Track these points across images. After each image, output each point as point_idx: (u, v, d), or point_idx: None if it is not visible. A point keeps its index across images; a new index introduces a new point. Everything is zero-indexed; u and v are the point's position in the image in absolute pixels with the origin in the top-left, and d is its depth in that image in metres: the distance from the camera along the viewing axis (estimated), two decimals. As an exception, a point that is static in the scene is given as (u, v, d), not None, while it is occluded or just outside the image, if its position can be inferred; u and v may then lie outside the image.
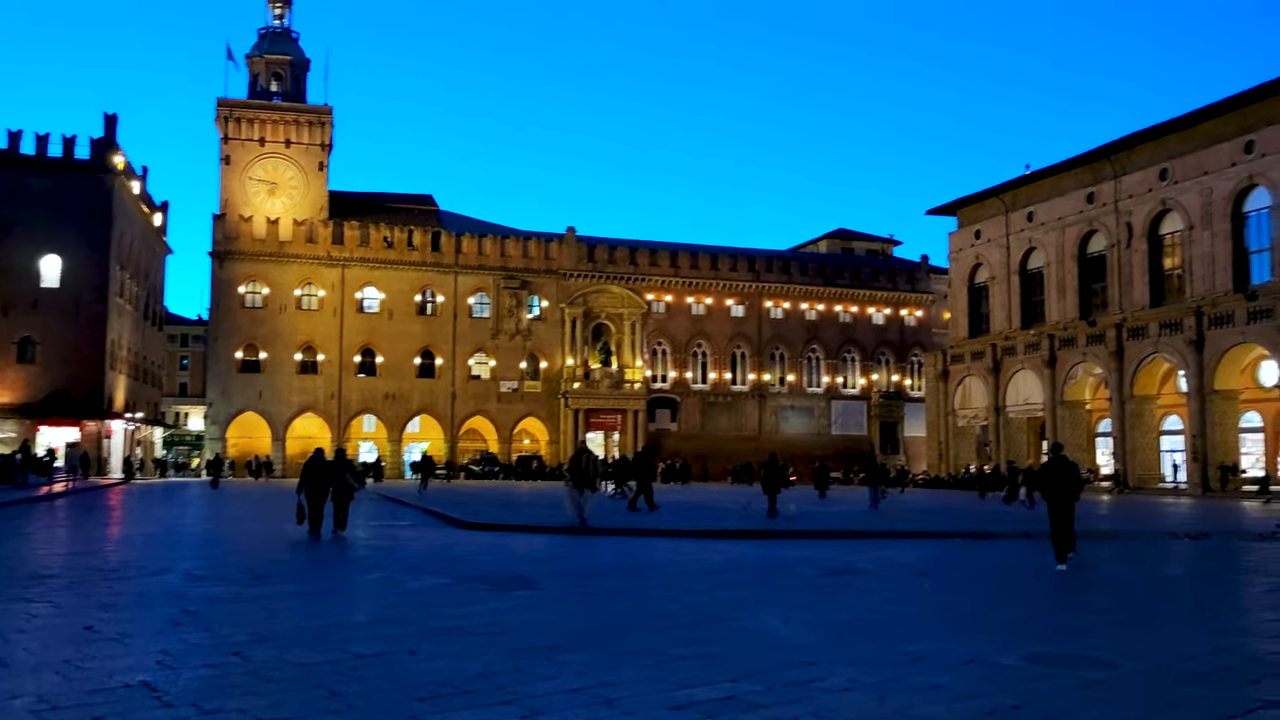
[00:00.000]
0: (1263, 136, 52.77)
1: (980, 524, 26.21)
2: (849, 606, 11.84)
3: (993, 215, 71.09)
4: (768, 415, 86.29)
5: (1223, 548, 21.55)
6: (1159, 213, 58.79)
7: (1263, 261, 53.62)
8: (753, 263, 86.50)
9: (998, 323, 70.37)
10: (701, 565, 16.20)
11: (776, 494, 27.86)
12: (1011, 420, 67.99)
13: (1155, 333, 56.63)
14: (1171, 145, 58.08)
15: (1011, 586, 14.46)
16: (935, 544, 21.40)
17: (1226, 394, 54.20)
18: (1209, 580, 15.79)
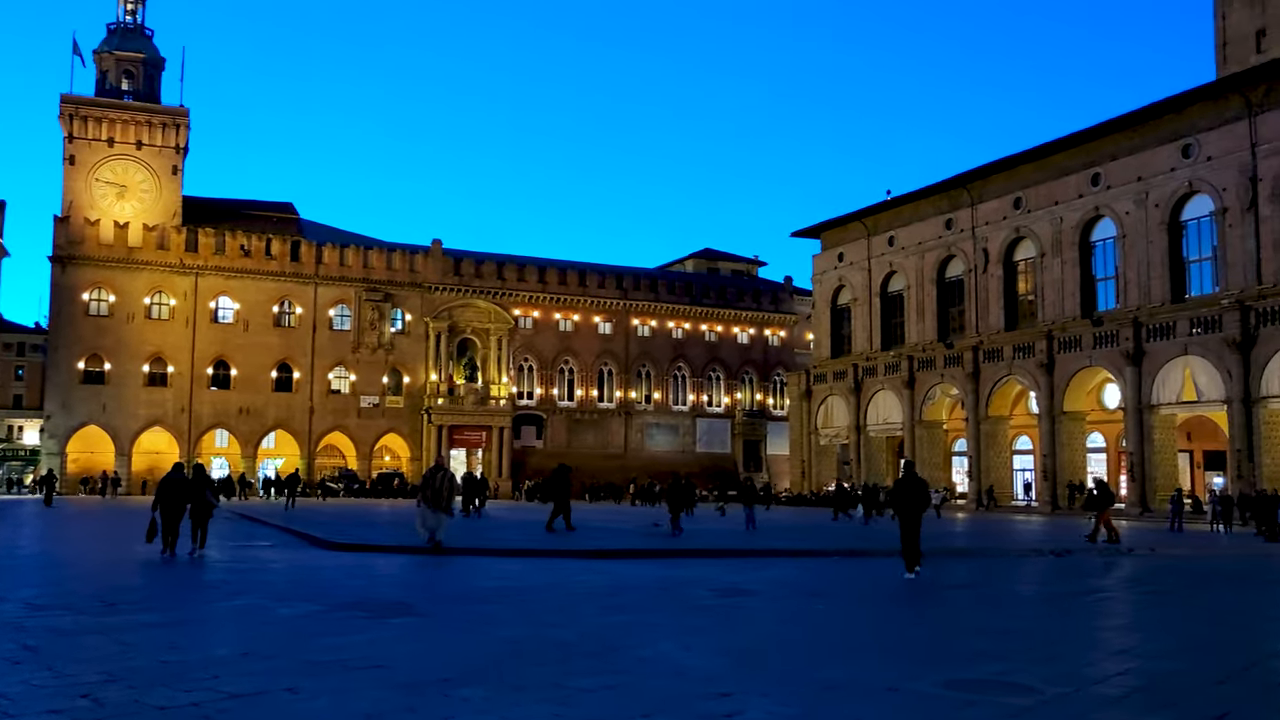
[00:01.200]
0: (1108, 170, 55.34)
1: (852, 541, 26.34)
2: (748, 630, 11.46)
3: (855, 239, 72.73)
4: (634, 433, 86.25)
5: (1085, 564, 22.08)
6: (1013, 240, 61.04)
7: (1108, 289, 56.14)
8: (621, 280, 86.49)
9: (859, 344, 71.92)
10: (585, 588, 15.64)
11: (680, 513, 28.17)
12: (872, 439, 69.48)
13: (1009, 355, 58.66)
14: (1025, 175, 60.42)
15: (903, 606, 14.34)
16: (814, 562, 21.34)
17: (1074, 415, 56.44)
18: (1086, 598, 16.01)
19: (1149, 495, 51.08)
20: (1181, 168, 51.65)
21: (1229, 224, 49.53)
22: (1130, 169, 54.06)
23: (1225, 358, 47.52)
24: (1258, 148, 48.43)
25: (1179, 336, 49.93)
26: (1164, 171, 52.44)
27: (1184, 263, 52.48)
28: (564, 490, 28.91)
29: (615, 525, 32.55)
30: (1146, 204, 53.12)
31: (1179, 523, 37.57)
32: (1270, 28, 59.80)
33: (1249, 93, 49.30)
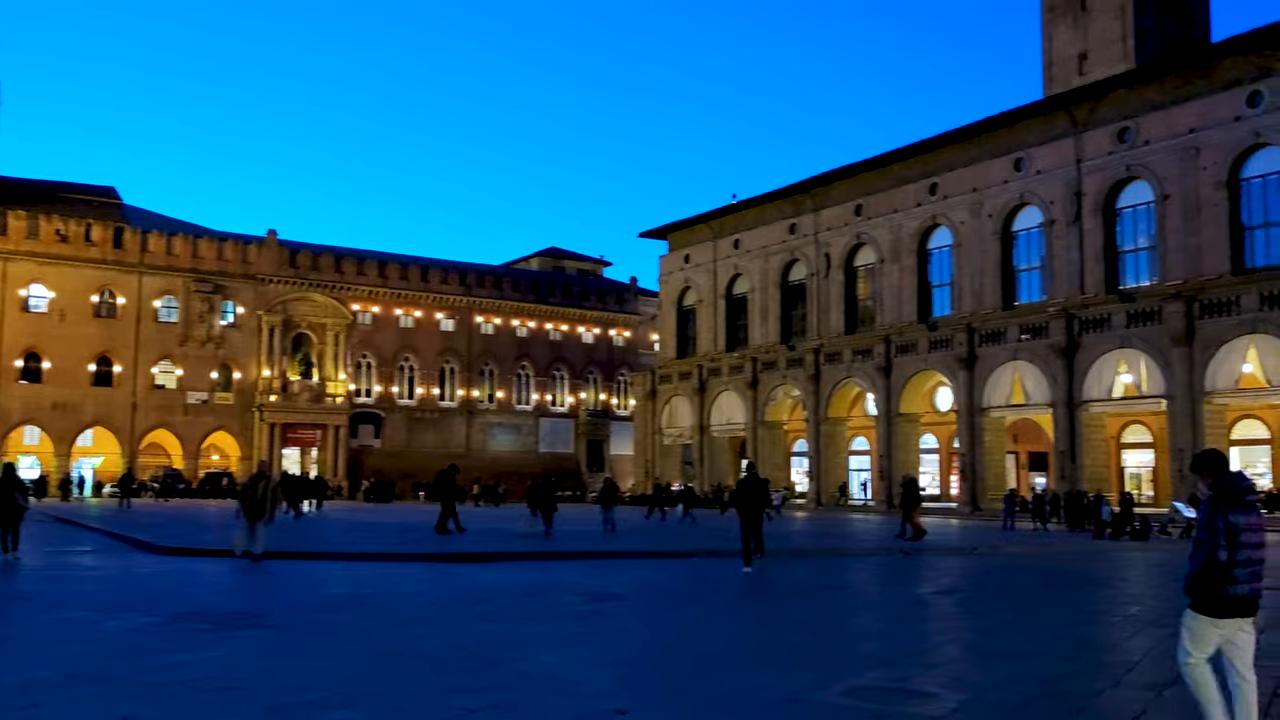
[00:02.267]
0: (945, 180, 57.27)
1: (711, 542, 26.17)
2: (630, 638, 10.96)
3: (702, 241, 73.32)
4: (476, 432, 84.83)
5: (936, 563, 22.46)
6: (855, 245, 62.55)
7: (944, 295, 58.09)
8: (465, 276, 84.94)
9: (704, 345, 72.53)
10: (448, 594, 14.85)
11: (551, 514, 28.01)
12: (715, 439, 70.14)
13: (849, 358, 60.07)
14: (866, 183, 61.99)
15: (778, 609, 14.08)
16: (675, 564, 21.02)
17: (910, 417, 58.20)
18: (947, 597, 16.12)
19: (979, 494, 53.01)
20: (1013, 180, 53.86)
21: (1056, 235, 51.88)
22: (966, 180, 56.09)
23: (1051, 363, 49.72)
24: (1082, 164, 50.87)
25: (1009, 342, 52.01)
26: (997, 183, 54.59)
27: (1014, 271, 54.74)
28: (451, 491, 28.09)
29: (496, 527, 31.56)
30: (981, 214, 55.20)
31: (1012, 521, 39.00)
32: (1092, 50, 62.98)
33: (1074, 111, 51.77)
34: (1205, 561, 6.00)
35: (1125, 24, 61.38)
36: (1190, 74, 47.64)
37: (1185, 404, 44.82)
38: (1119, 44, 61.45)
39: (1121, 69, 58.66)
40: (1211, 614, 6.10)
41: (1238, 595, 6.06)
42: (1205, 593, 6.06)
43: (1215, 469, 6.28)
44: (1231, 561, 5.98)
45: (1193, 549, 6.15)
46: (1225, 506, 6.08)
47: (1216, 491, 6.18)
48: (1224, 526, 6.00)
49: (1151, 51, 60.30)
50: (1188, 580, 6.14)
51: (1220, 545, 5.98)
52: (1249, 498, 6.18)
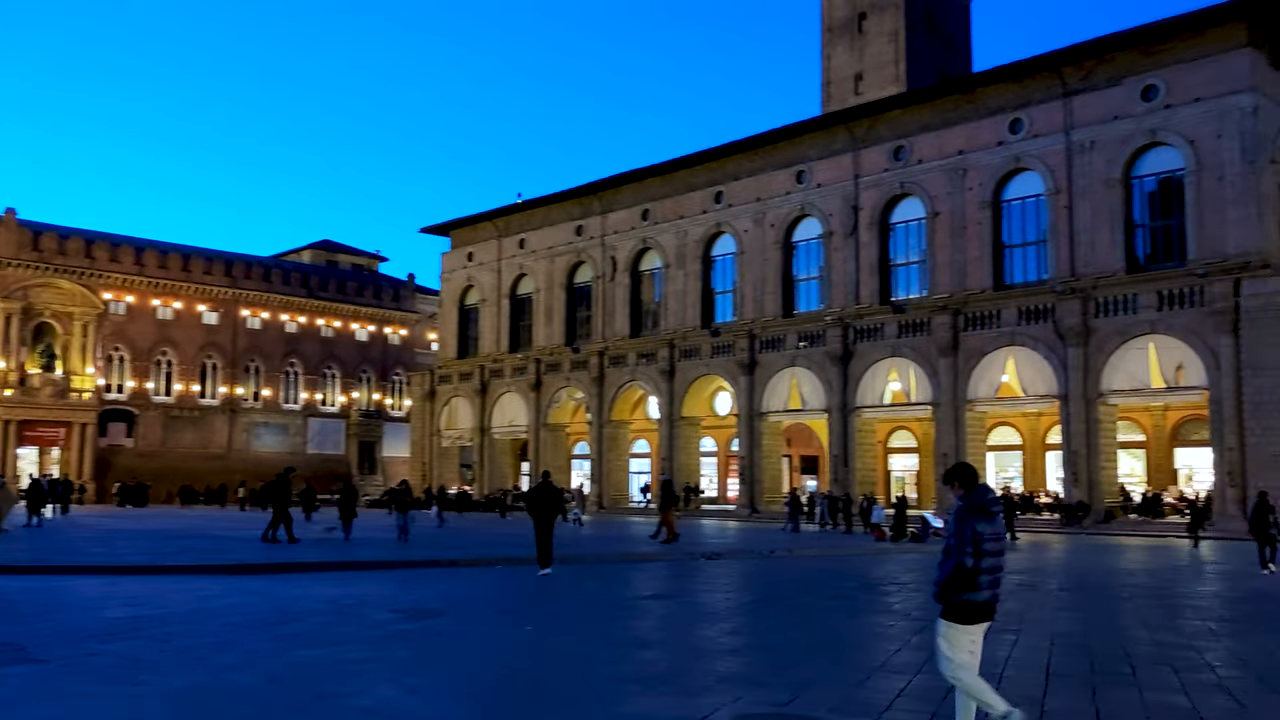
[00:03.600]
0: (730, 189, 58.37)
1: (515, 548, 25.14)
2: (469, 664, 9.97)
3: (486, 239, 71.98)
4: (239, 432, 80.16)
5: (745, 568, 22.37)
6: (641, 250, 62.86)
7: (726, 301, 59.17)
8: (230, 267, 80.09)
9: (487, 345, 71.20)
10: (245, 614, 13.33)
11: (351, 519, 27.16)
12: (496, 441, 68.95)
13: (633, 362, 60.28)
14: (653, 189, 62.42)
15: (614, 623, 13.35)
16: (478, 573, 20.04)
17: (691, 420, 58.95)
18: (775, 606, 15.87)
19: (758, 497, 54.21)
20: (795, 192, 55.44)
21: (834, 247, 53.74)
22: (750, 190, 57.33)
23: (828, 370, 51.42)
24: (860, 179, 52.92)
25: (788, 349, 53.44)
26: (780, 194, 56.05)
27: (794, 280, 56.35)
28: (284, 497, 26.12)
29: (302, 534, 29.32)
30: (764, 224, 56.54)
31: (796, 524, 39.85)
32: (867, 72, 65.98)
33: (853, 128, 53.79)
34: (954, 569, 6.29)
35: (898, 48, 64.57)
36: (959, 99, 50.31)
37: (950, 411, 47.23)
38: (892, 67, 64.60)
39: (894, 90, 61.64)
40: (961, 620, 6.38)
41: (982, 601, 6.37)
42: (954, 599, 6.35)
43: (965, 481, 6.62)
44: (977, 569, 6.27)
45: (943, 557, 6.45)
46: (973, 516, 6.37)
47: (965, 502, 6.48)
48: (971, 535, 6.29)
49: (921, 75, 63.67)
50: (938, 587, 6.41)
51: (967, 553, 6.26)
52: (993, 508, 6.51)
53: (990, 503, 6.54)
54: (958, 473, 6.69)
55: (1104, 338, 42.95)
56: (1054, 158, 46.14)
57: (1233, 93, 41.46)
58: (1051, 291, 44.87)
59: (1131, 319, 42.29)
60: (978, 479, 6.69)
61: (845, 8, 67.78)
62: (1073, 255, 45.43)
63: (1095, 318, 43.16)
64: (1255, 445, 38.88)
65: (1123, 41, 44.66)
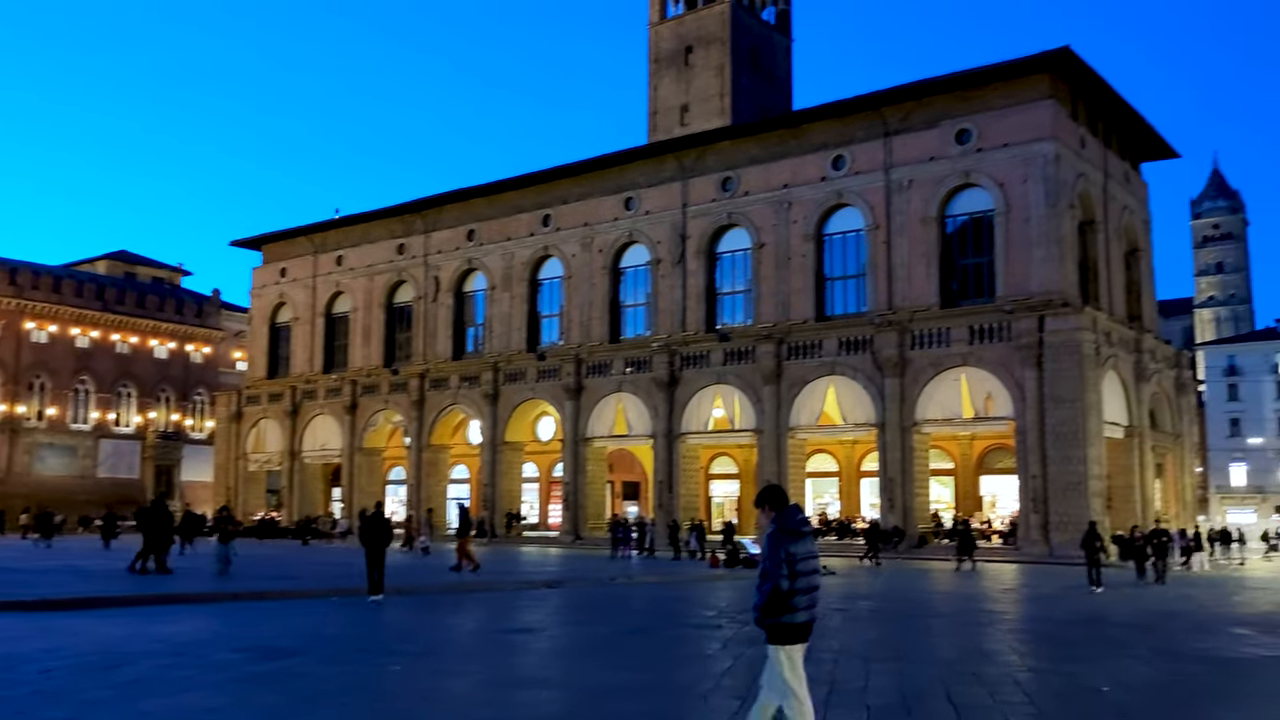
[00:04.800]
0: (558, 213, 58.03)
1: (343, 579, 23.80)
2: (344, 711, 9.06)
3: (301, 255, 69.22)
4: (20, 454, 74.01)
5: (589, 595, 21.84)
6: (465, 270, 61.67)
7: (552, 325, 58.68)
8: (14, 276, 74.16)
9: (299, 365, 68.31)
10: (64, 658, 11.85)
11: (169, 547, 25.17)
12: (307, 466, 66.13)
13: (456, 385, 58.95)
14: (479, 209, 61.43)
15: (487, 661, 12.58)
16: (313, 605, 18.78)
17: (514, 445, 58.04)
18: (657, 636, 15.40)
19: (581, 523, 53.75)
20: (624, 218, 55.57)
21: (662, 274, 54.08)
22: (579, 214, 57.13)
23: (654, 396, 51.56)
24: (688, 208, 53.50)
25: (615, 374, 53.36)
26: (608, 220, 56.07)
27: (621, 306, 56.38)
28: (161, 525, 24.21)
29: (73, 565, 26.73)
30: (592, 248, 56.42)
31: (624, 550, 39.52)
32: (693, 104, 67.06)
33: (682, 158, 54.42)
34: (771, 591, 6.32)
35: (723, 82, 65.90)
36: (785, 134, 51.59)
37: (773, 438, 48.08)
38: (717, 100, 65.85)
39: (719, 123, 62.81)
40: (783, 642, 6.44)
41: (799, 623, 6.44)
42: (774, 622, 6.38)
43: (775, 503, 6.65)
44: (792, 590, 6.34)
45: (760, 580, 6.46)
46: (785, 538, 6.42)
47: (777, 525, 6.52)
48: (785, 557, 6.35)
49: (745, 110, 65.14)
50: (758, 610, 6.42)
51: (782, 575, 6.31)
52: (804, 529, 6.57)
53: (800, 524, 6.55)
54: (768, 495, 6.69)
55: (919, 369, 44.64)
56: (874, 194, 47.82)
57: (1037, 140, 43.98)
58: (871, 323, 46.36)
59: (945, 351, 44.13)
60: (787, 501, 6.68)
61: (672, 40, 68.78)
62: (891, 289, 47.11)
63: (911, 349, 44.82)
64: (1056, 473, 41.08)
65: (939, 86, 46.79)
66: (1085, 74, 44.85)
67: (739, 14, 67.13)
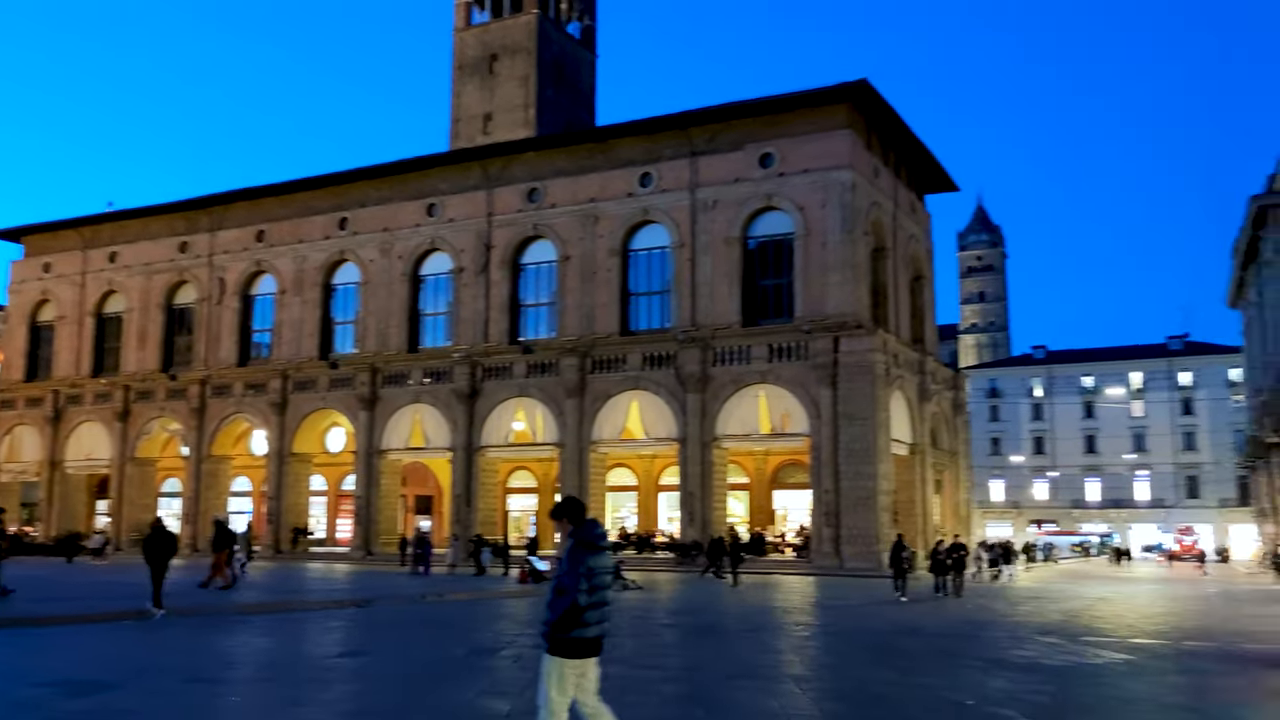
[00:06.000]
0: (356, 216, 56.10)
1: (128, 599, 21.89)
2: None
3: (69, 249, 64.18)
4: None
5: (416, 613, 20.94)
6: (254, 273, 58.70)
7: (347, 333, 56.58)
8: None
9: (64, 368, 63.20)
10: None
11: None
12: (70, 477, 61.23)
13: (240, 392, 56.00)
14: (270, 209, 58.65)
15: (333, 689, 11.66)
16: (112, 628, 17.11)
17: (303, 457, 55.58)
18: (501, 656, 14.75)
19: (373, 538, 51.93)
20: (426, 225, 54.25)
21: (464, 283, 53.06)
22: (378, 219, 55.39)
23: (453, 408, 50.48)
24: (493, 217, 52.76)
25: (413, 385, 51.97)
26: (409, 226, 54.60)
27: (420, 315, 54.97)
28: None
29: None
30: (391, 254, 54.79)
31: (425, 566, 38.26)
32: (497, 113, 66.35)
33: (488, 166, 53.64)
34: (569, 606, 6.23)
35: (528, 93, 65.57)
36: (593, 148, 51.68)
37: (575, 451, 47.92)
38: (521, 111, 65.44)
39: (523, 134, 62.42)
40: (569, 655, 6.32)
41: (591, 637, 6.35)
42: (565, 636, 6.28)
43: (574, 516, 6.54)
44: (588, 604, 6.29)
45: (552, 595, 6.36)
46: (585, 551, 6.34)
47: (575, 538, 6.43)
48: (584, 571, 6.28)
49: (549, 122, 64.99)
50: (550, 625, 6.33)
51: (581, 590, 6.24)
52: (603, 543, 6.52)
53: (599, 537, 6.45)
54: (566, 508, 6.56)
55: (721, 385, 45.51)
56: (679, 213, 48.50)
57: (836, 168, 45.72)
58: (674, 339, 46.90)
59: (746, 368, 45.16)
60: (585, 513, 6.57)
61: (477, 48, 67.89)
62: (694, 306, 47.84)
63: (713, 366, 45.65)
64: (848, 487, 42.65)
65: (744, 110, 47.99)
66: (880, 107, 47.02)
67: (545, 26, 66.96)
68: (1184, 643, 16.38)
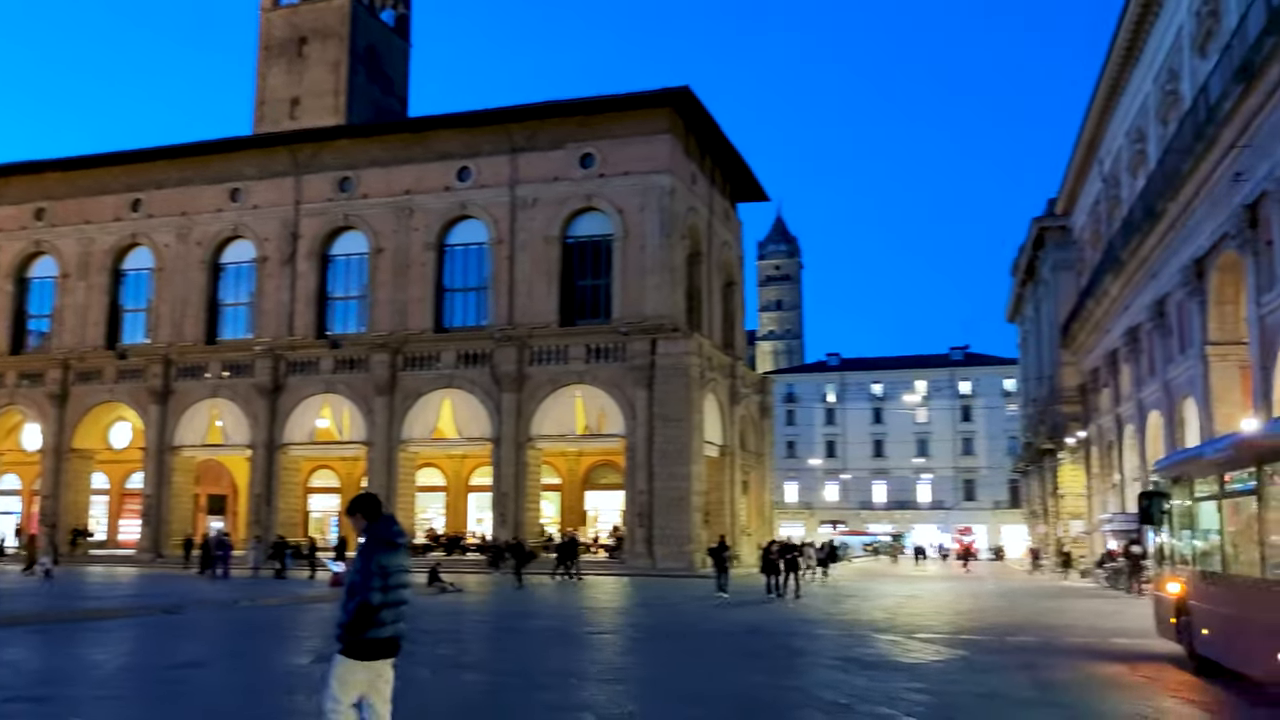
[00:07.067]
0: (151, 197, 52.81)
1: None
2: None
3: None
4: None
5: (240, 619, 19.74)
6: (31, 254, 54.43)
7: (138, 322, 53.19)
8: None
9: None
10: None
11: None
12: None
13: (13, 382, 51.95)
14: (52, 185, 54.51)
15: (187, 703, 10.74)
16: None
17: (84, 453, 52.00)
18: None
19: (163, 540, 48.99)
20: (228, 210, 51.60)
21: (268, 273, 50.75)
22: (175, 201, 52.27)
23: (254, 403, 48.25)
24: (301, 205, 50.68)
25: (210, 378, 49.37)
26: (210, 211, 51.80)
27: (220, 305, 52.23)
28: None
29: None
30: (189, 240, 51.85)
31: (225, 569, 36.23)
32: (305, 98, 63.81)
33: (297, 152, 51.47)
34: (360, 605, 6.05)
35: (339, 80, 63.44)
36: (410, 139, 50.42)
37: (384, 451, 46.66)
38: (331, 97, 63.27)
39: (332, 121, 60.33)
40: (361, 657, 6.13)
41: (385, 637, 6.16)
42: (357, 636, 6.10)
43: (369, 512, 6.38)
44: (382, 604, 6.11)
45: (347, 594, 6.16)
46: (378, 549, 6.18)
47: (370, 535, 6.27)
48: (377, 569, 6.11)
49: (360, 111, 63.07)
50: (343, 627, 6.14)
51: (374, 588, 6.07)
52: (398, 540, 6.34)
53: (395, 535, 6.27)
54: (361, 504, 6.37)
55: (537, 385, 45.23)
56: (498, 209, 47.92)
57: (655, 171, 46.20)
58: (491, 338, 46.30)
59: (563, 368, 45.05)
60: (382, 510, 6.40)
61: (286, 29, 65.09)
62: (512, 304, 47.34)
63: (530, 365, 45.33)
64: (662, 488, 43.13)
65: (566, 109, 47.87)
66: (699, 114, 47.77)
67: (358, 11, 64.87)
68: (1008, 638, 17.24)
